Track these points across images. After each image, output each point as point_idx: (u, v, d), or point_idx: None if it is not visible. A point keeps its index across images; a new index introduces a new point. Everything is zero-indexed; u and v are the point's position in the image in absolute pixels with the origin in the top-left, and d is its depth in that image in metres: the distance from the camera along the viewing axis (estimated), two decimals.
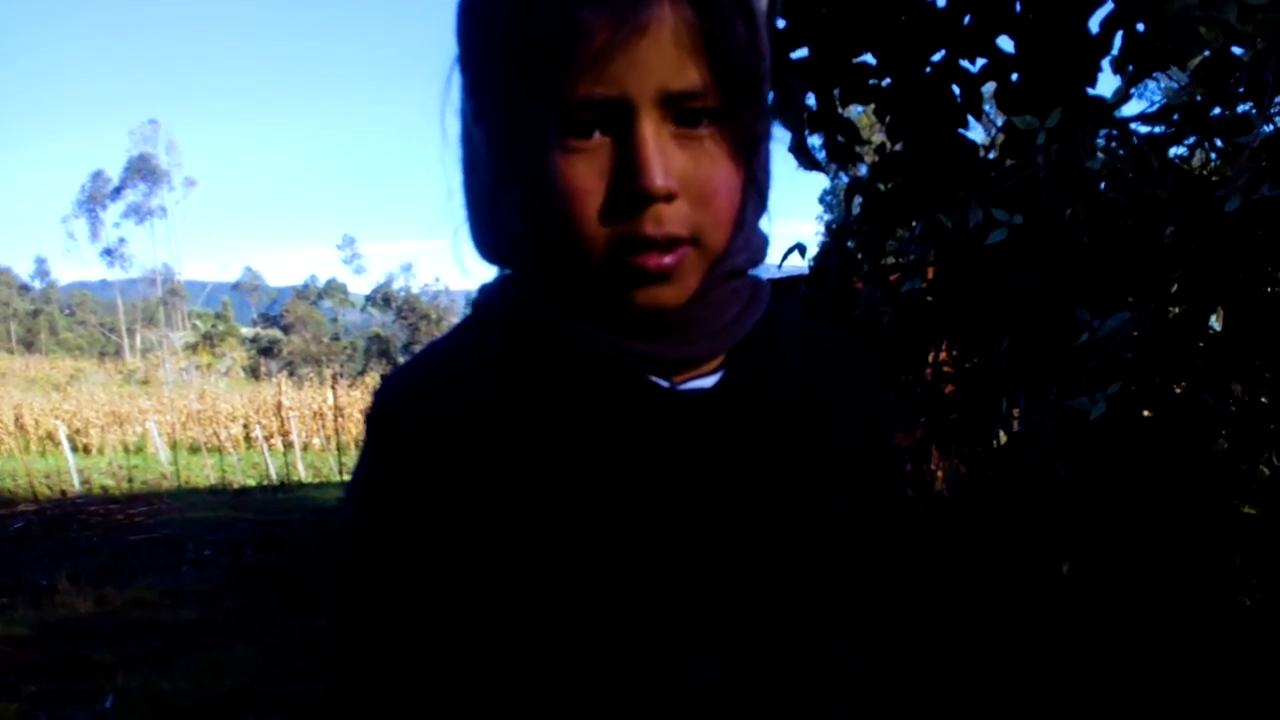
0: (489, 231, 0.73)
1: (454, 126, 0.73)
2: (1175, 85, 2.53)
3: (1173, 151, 2.21)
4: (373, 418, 0.70)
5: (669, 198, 0.64)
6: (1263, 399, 2.19)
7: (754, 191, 0.71)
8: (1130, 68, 2.54)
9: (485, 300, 0.75)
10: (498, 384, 0.70)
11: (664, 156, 0.63)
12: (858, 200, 3.30)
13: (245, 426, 18.25)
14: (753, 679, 0.70)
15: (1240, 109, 1.98)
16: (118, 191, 64.37)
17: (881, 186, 3.16)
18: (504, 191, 0.68)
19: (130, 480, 11.94)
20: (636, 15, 0.60)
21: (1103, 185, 1.97)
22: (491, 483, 0.68)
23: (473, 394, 0.69)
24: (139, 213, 64.36)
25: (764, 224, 0.77)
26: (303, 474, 12.60)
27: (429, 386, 0.70)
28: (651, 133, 0.63)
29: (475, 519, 0.68)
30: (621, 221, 0.64)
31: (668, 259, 0.65)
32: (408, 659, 0.69)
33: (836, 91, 3.37)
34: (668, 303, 0.67)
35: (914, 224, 2.79)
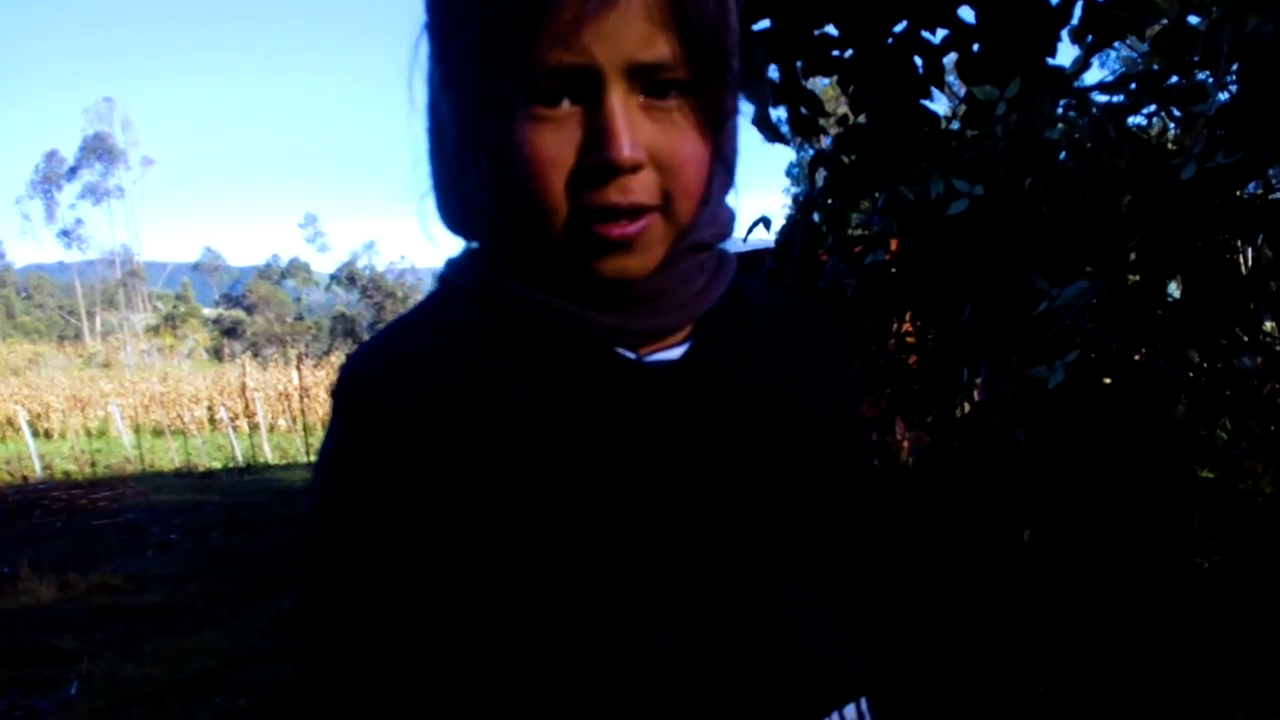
0: (455, 202, 0.72)
1: (421, 94, 0.72)
2: (1134, 55, 2.54)
3: (1131, 121, 2.23)
4: (338, 394, 0.70)
5: (636, 168, 0.63)
6: (1219, 365, 2.22)
7: (721, 165, 0.71)
8: (1089, 37, 2.55)
9: (451, 273, 0.74)
10: (463, 357, 0.70)
11: (632, 127, 0.63)
12: (821, 173, 3.30)
13: (209, 408, 18.05)
14: (719, 646, 0.71)
15: (1197, 78, 1.99)
16: (73, 171, 63.15)
17: (845, 159, 3.17)
18: (470, 160, 0.68)
19: (93, 465, 11.78)
20: None
21: (1062, 155, 1.98)
22: (458, 456, 0.68)
23: (438, 368, 0.69)
24: (95, 193, 63.21)
25: (730, 199, 0.77)
26: (269, 455, 12.50)
27: (394, 362, 0.69)
28: (620, 103, 0.63)
29: (442, 493, 0.68)
30: (588, 191, 0.64)
31: (632, 227, 0.65)
32: (377, 636, 0.69)
33: (799, 63, 3.37)
34: (634, 272, 0.67)
35: (877, 196, 2.80)
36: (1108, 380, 2.56)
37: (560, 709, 0.69)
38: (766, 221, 3.02)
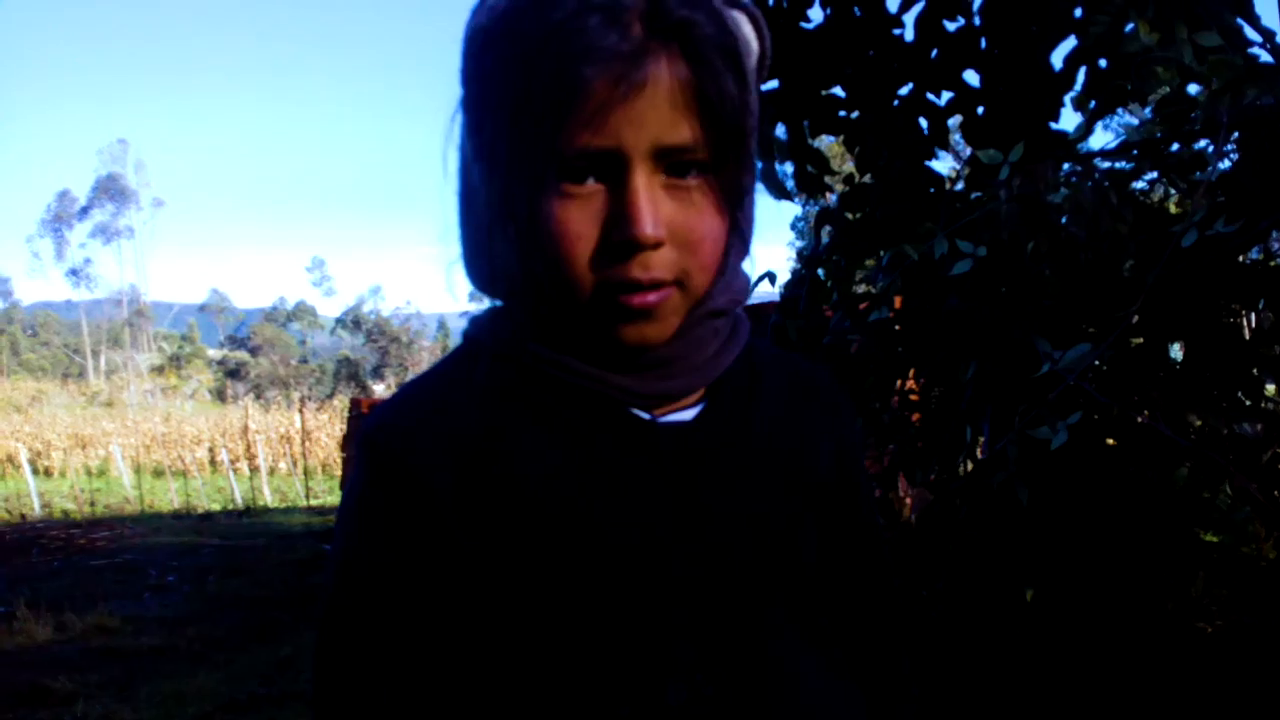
0: (483, 264, 0.76)
1: (454, 162, 0.76)
2: (1136, 121, 2.59)
3: (1136, 185, 2.26)
4: (363, 443, 0.73)
5: (657, 245, 0.67)
6: (1223, 429, 2.23)
7: (737, 238, 0.75)
8: (1092, 104, 2.60)
9: (475, 331, 0.78)
10: (485, 412, 0.73)
11: (654, 206, 0.67)
12: (827, 229, 3.34)
13: (210, 450, 18.04)
14: (724, 703, 0.72)
15: (1197, 146, 2.03)
16: (84, 211, 63.72)
17: (850, 216, 3.21)
18: (500, 229, 0.72)
19: (92, 504, 11.75)
20: (635, 73, 0.64)
21: (1064, 219, 2.01)
22: (476, 508, 0.70)
23: (461, 421, 0.72)
24: (106, 233, 63.73)
25: (746, 265, 0.81)
26: (268, 498, 12.46)
27: (419, 413, 0.73)
28: (644, 183, 0.66)
29: (459, 543, 0.70)
30: (611, 265, 0.67)
31: (652, 297, 0.68)
32: (394, 680, 0.71)
33: (806, 122, 3.42)
34: (652, 339, 0.71)
35: (882, 254, 2.84)
36: (1111, 442, 2.57)
37: None
38: (772, 276, 3.05)
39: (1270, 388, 3.04)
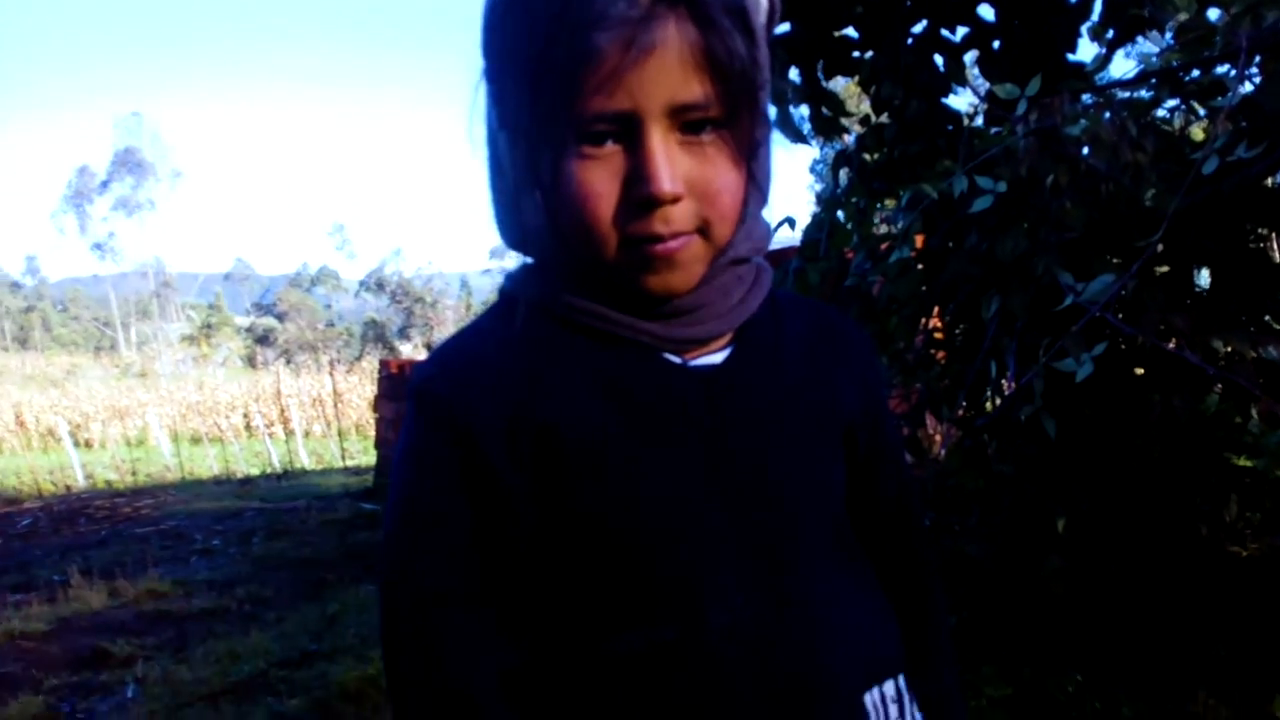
0: (513, 224, 0.80)
1: (480, 131, 0.80)
2: (1154, 50, 2.56)
3: (1157, 114, 2.25)
4: (415, 394, 0.78)
5: (675, 200, 0.71)
6: (1250, 354, 2.24)
7: (754, 189, 0.78)
8: (1109, 33, 2.57)
9: (512, 286, 0.83)
10: (526, 361, 0.77)
11: (671, 163, 0.70)
12: (845, 172, 3.33)
13: (245, 416, 18.26)
14: (764, 624, 0.78)
15: (1217, 72, 2.02)
16: (104, 185, 64.01)
17: (868, 157, 3.20)
18: (527, 192, 0.76)
19: (134, 473, 11.96)
20: (645, 37, 0.67)
21: (1084, 151, 2.01)
22: (523, 450, 0.75)
23: (504, 370, 0.77)
24: (127, 206, 64.02)
25: (765, 213, 0.84)
26: (305, 461, 12.64)
27: (464, 364, 0.78)
28: (659, 142, 0.70)
29: (512, 483, 0.76)
30: (634, 221, 0.72)
31: (674, 244, 0.73)
32: (459, 618, 0.76)
33: (820, 64, 3.40)
34: (676, 287, 0.76)
35: (901, 194, 2.83)
36: (1139, 371, 2.58)
37: (620, 680, 0.77)
38: (791, 221, 3.06)
39: None
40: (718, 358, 0.81)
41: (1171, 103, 2.12)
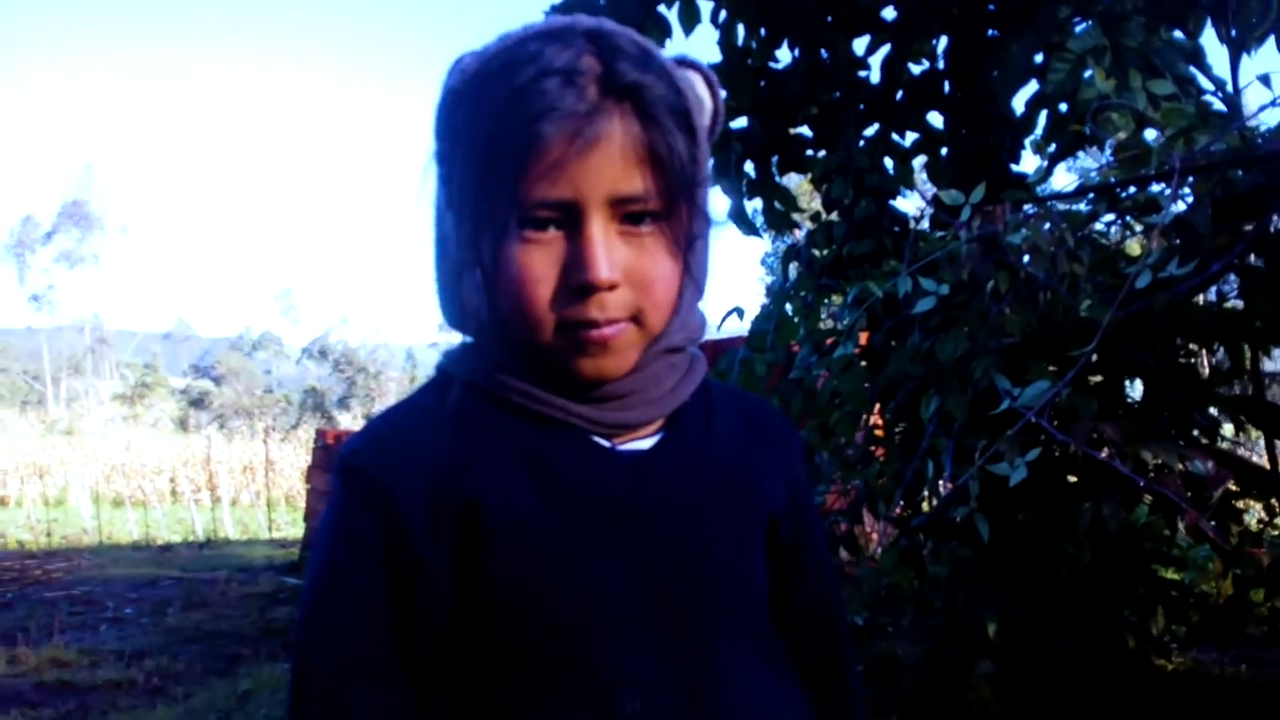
0: (454, 303, 0.82)
1: (428, 209, 0.82)
2: (1094, 165, 2.65)
3: (1096, 227, 2.31)
4: (342, 469, 0.77)
5: (612, 287, 0.73)
6: (1179, 466, 2.28)
7: (690, 281, 0.80)
8: (1052, 147, 2.67)
9: (447, 363, 0.83)
10: (455, 439, 0.77)
11: (609, 252, 0.73)
12: (794, 266, 3.39)
13: (172, 480, 17.76)
14: (677, 714, 0.76)
15: (1152, 190, 2.09)
16: (48, 236, 62.94)
17: (817, 253, 3.26)
18: (468, 271, 0.77)
19: (49, 534, 11.51)
20: (590, 130, 0.70)
21: (1024, 259, 2.06)
22: (445, 526, 0.75)
23: (432, 447, 0.77)
24: (70, 259, 62.93)
25: (701, 305, 0.86)
26: (230, 530, 12.28)
27: (393, 440, 0.78)
28: (599, 231, 0.73)
29: (430, 560, 0.75)
30: (570, 306, 0.73)
31: (608, 331, 0.74)
32: (371, 697, 0.74)
33: (775, 160, 3.48)
34: (609, 373, 0.77)
35: (847, 290, 2.88)
36: (1072, 478, 2.61)
37: None
38: (740, 311, 3.08)
39: (1228, 427, 3.10)
40: (646, 443, 0.82)
41: (1108, 217, 2.19)
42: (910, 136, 3.40)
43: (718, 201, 3.56)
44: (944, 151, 3.27)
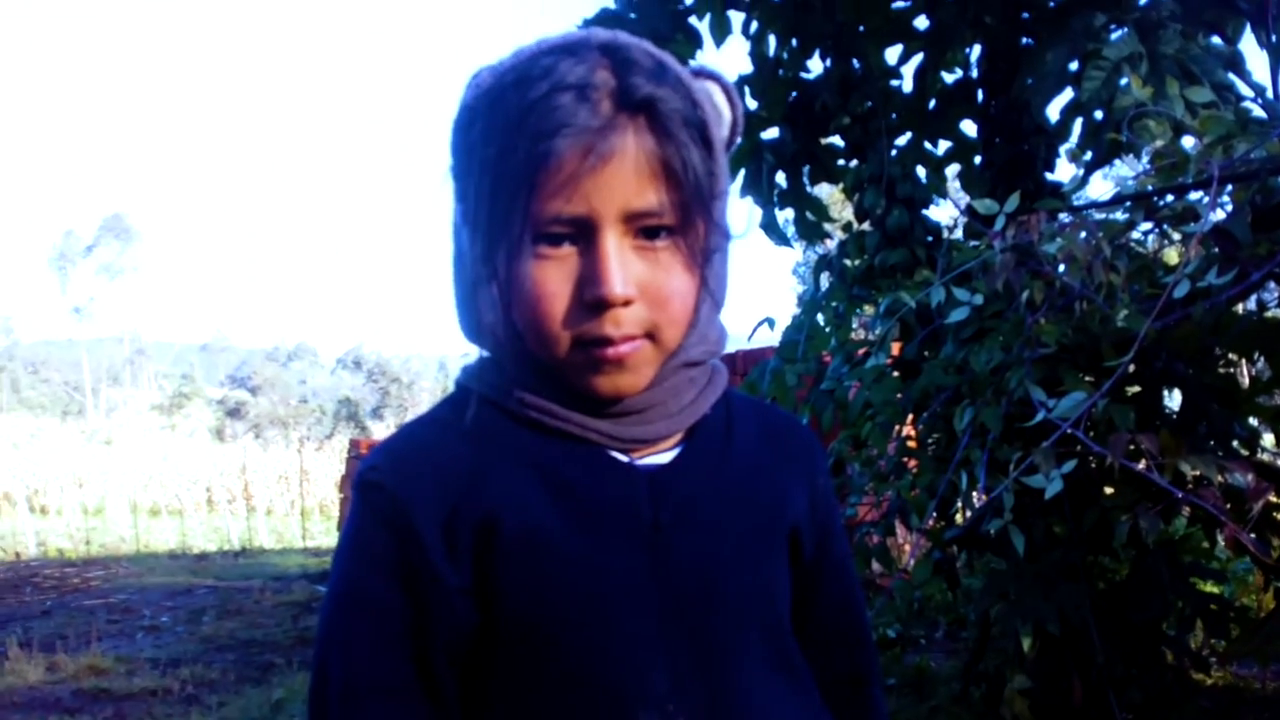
0: (471, 318, 0.81)
1: (446, 224, 0.82)
2: (1131, 173, 2.62)
3: (1133, 236, 2.29)
4: (360, 483, 0.77)
5: (627, 303, 0.73)
6: (1218, 478, 2.24)
7: (708, 294, 0.79)
8: (1088, 155, 2.64)
9: (466, 379, 0.83)
10: (473, 454, 0.77)
11: (624, 268, 0.72)
12: (826, 276, 3.37)
13: (208, 489, 17.96)
14: None
15: (1190, 198, 2.06)
16: (89, 249, 64.02)
17: (849, 263, 3.24)
18: (484, 287, 0.77)
19: (88, 543, 11.67)
20: (604, 145, 0.70)
21: (1060, 269, 2.03)
22: (461, 543, 0.74)
23: (450, 462, 0.76)
24: (110, 271, 63.98)
25: (722, 317, 0.85)
26: (265, 539, 12.40)
27: (411, 454, 0.78)
28: (613, 246, 0.72)
29: (446, 578, 0.74)
30: (585, 322, 0.73)
31: (624, 348, 0.73)
32: (387, 708, 0.74)
33: (806, 170, 3.47)
34: (625, 389, 0.76)
35: (879, 300, 2.86)
36: (1108, 490, 2.57)
37: None
38: (771, 322, 3.08)
39: (1268, 438, 3.05)
40: (666, 458, 0.81)
41: (1145, 226, 2.16)
42: (943, 145, 3.38)
43: (750, 212, 3.55)
44: (978, 160, 3.24)
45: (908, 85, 3.36)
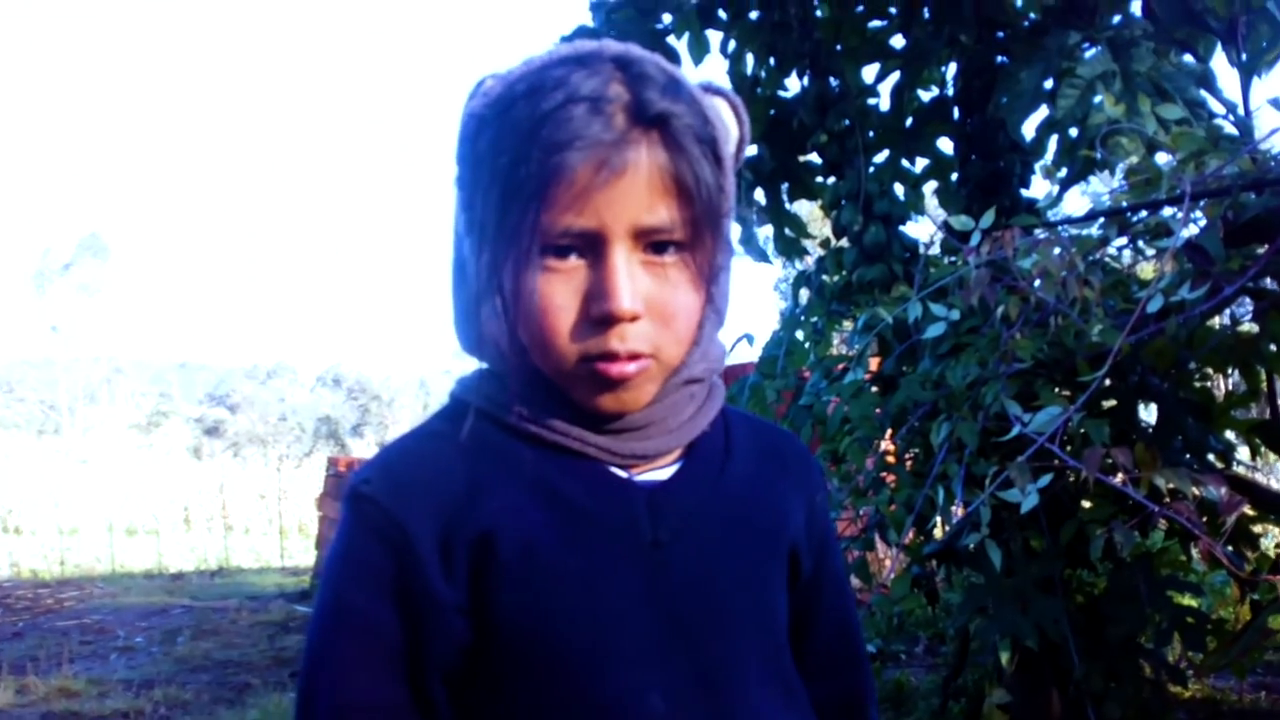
0: (472, 330, 0.80)
1: (448, 234, 0.81)
2: (1105, 189, 2.64)
3: (1108, 252, 2.31)
4: (352, 497, 0.76)
5: (634, 319, 0.72)
6: (1194, 492, 2.25)
7: (713, 311, 0.79)
8: (1063, 172, 2.67)
9: (462, 391, 0.81)
10: (469, 468, 0.76)
11: (632, 282, 0.71)
12: (805, 292, 3.38)
13: (185, 509, 17.77)
14: None
15: (1163, 214, 2.08)
16: (67, 268, 63.49)
17: (827, 279, 3.25)
18: (487, 299, 0.76)
19: (62, 563, 11.50)
20: (617, 159, 0.69)
21: (1035, 284, 2.05)
22: (457, 558, 0.73)
23: (445, 476, 0.75)
24: (88, 289, 63.46)
25: (721, 334, 0.85)
26: (243, 558, 12.27)
27: (405, 468, 0.77)
28: (622, 261, 0.71)
29: (440, 594, 0.73)
30: (591, 336, 0.72)
31: (630, 368, 0.73)
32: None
33: (785, 188, 3.48)
34: (628, 407, 0.76)
35: (857, 316, 2.87)
36: (1085, 504, 2.58)
37: None
38: (750, 338, 3.08)
39: (1243, 451, 3.07)
40: (665, 474, 0.80)
41: (1120, 241, 2.18)
42: (920, 162, 3.41)
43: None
44: (954, 177, 3.27)
45: (885, 103, 3.39)
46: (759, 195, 3.48)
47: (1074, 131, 2.65)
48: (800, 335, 3.01)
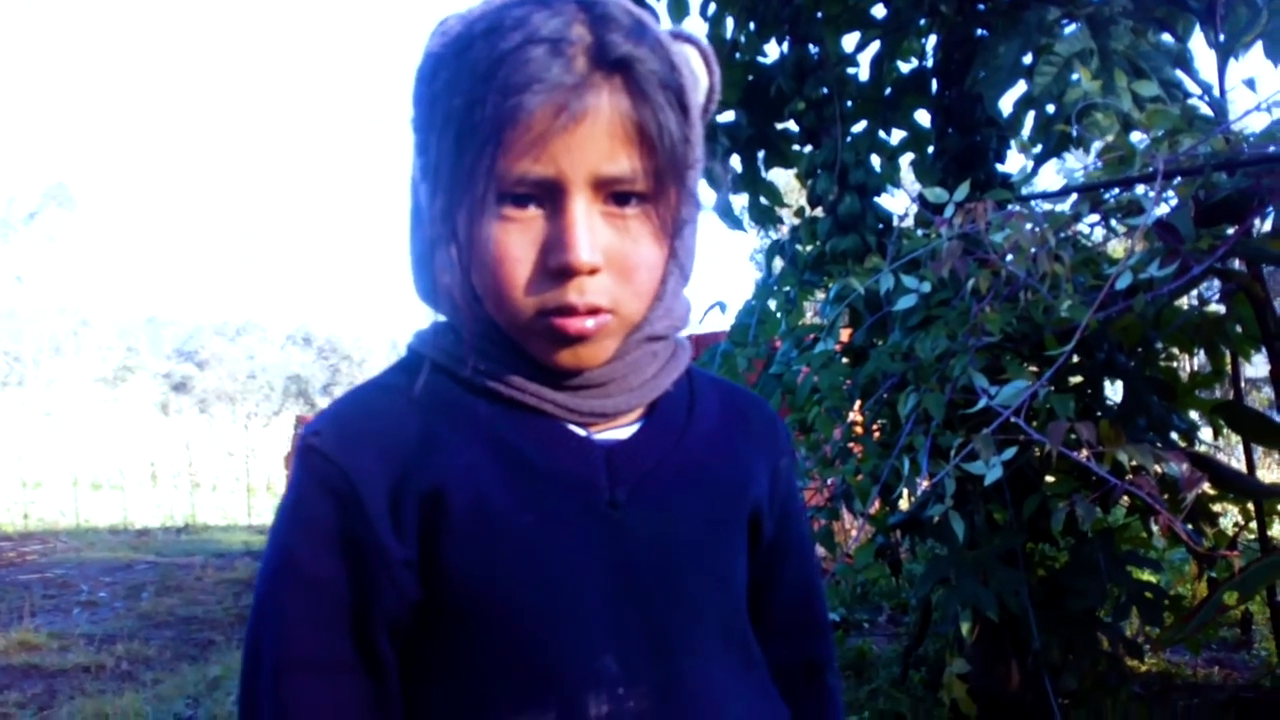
0: (427, 279, 0.77)
1: (404, 178, 0.78)
2: (1081, 165, 2.65)
3: (1081, 227, 2.31)
4: (303, 451, 0.73)
5: (593, 271, 0.69)
6: (1155, 469, 2.28)
7: (676, 266, 0.76)
8: (1038, 148, 2.66)
9: (418, 344, 0.79)
10: (422, 422, 0.74)
11: (591, 234, 0.69)
12: (779, 261, 3.38)
13: (152, 464, 17.64)
14: (644, 716, 0.73)
15: (1136, 191, 2.08)
16: (32, 216, 62.37)
17: (801, 249, 3.25)
18: (442, 247, 0.73)
19: (25, 516, 11.40)
20: (576, 104, 0.66)
21: (1006, 258, 2.05)
22: (407, 515, 0.71)
23: (398, 430, 0.73)
24: (54, 240, 62.39)
25: (688, 292, 0.82)
26: (209, 515, 12.21)
27: (357, 421, 0.74)
28: (582, 211, 0.69)
29: (391, 550, 0.71)
30: (548, 289, 0.70)
31: (589, 323, 0.70)
32: (322, 685, 0.71)
33: (761, 155, 3.46)
34: (587, 363, 0.73)
35: (830, 286, 2.87)
36: (1049, 478, 2.61)
37: None
38: (722, 306, 3.07)
39: (1207, 431, 3.11)
40: (625, 433, 0.78)
41: (1092, 218, 2.19)
42: (897, 134, 3.40)
43: (703, 193, 3.54)
44: (930, 150, 3.26)
45: (864, 73, 3.37)
46: (735, 162, 3.46)
47: (1050, 108, 2.65)
48: (773, 304, 3.01)
